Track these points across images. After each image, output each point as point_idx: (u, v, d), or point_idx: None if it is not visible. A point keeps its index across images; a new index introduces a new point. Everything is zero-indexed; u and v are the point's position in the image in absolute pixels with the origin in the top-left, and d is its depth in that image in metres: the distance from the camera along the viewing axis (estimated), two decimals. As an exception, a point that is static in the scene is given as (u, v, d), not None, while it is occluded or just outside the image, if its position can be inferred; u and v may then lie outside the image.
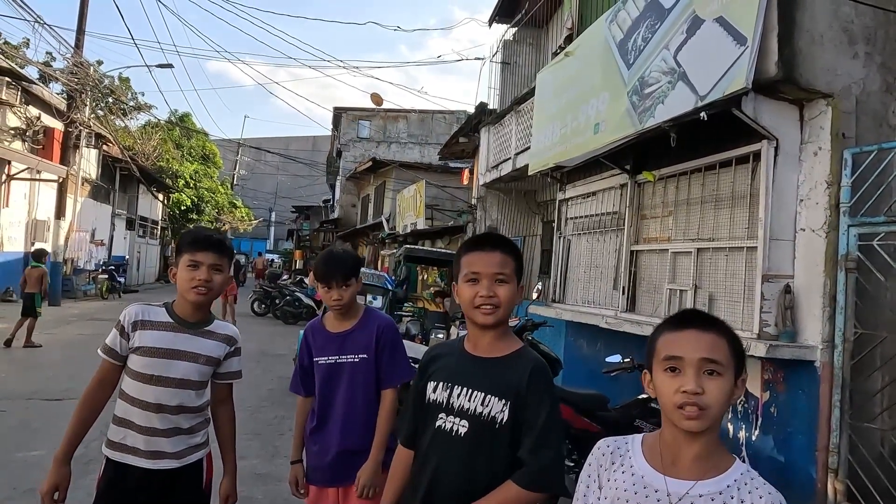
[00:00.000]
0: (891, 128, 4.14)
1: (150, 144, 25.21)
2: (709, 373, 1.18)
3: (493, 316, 1.58)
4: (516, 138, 9.06)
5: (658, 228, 5.54)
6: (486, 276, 1.58)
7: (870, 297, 3.86)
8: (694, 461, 1.20)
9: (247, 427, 5.57)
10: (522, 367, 1.58)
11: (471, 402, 1.58)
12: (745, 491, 1.17)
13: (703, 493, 1.17)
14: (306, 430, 2.36)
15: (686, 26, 4.50)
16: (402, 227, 16.94)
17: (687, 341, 1.20)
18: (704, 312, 1.33)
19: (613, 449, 1.30)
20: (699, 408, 1.15)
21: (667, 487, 1.19)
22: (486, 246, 1.63)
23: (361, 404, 2.24)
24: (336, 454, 2.25)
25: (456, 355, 1.68)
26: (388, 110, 27.67)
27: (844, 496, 3.77)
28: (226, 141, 36.67)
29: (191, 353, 1.99)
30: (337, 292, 2.25)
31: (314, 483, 2.33)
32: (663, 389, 1.20)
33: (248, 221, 38.75)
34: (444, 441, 1.60)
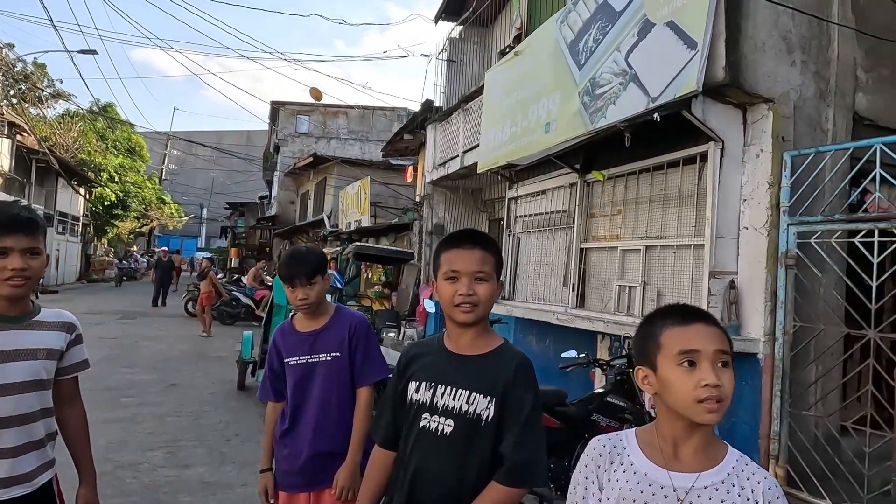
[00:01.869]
0: (824, 132, 4.41)
1: (69, 135, 23.59)
2: (722, 364, 1.19)
3: (472, 314, 1.57)
4: (464, 136, 9.07)
5: (607, 227, 5.68)
6: (466, 274, 1.56)
7: (807, 292, 4.10)
8: (695, 454, 1.22)
9: (190, 433, 5.31)
10: (506, 363, 1.57)
11: (456, 401, 1.56)
12: (744, 478, 1.20)
13: (707, 484, 1.19)
14: (276, 434, 2.24)
15: (637, 29, 4.62)
16: (345, 225, 16.65)
17: (700, 335, 1.20)
18: (692, 305, 1.34)
19: (610, 448, 1.28)
20: (718, 400, 1.16)
21: (672, 482, 1.20)
22: (467, 243, 1.61)
23: (335, 404, 2.16)
24: (308, 457, 2.15)
25: (436, 354, 1.65)
26: (328, 105, 27.10)
27: (784, 480, 3.99)
28: (154, 133, 34.88)
29: (26, 350, 1.70)
30: (302, 291, 2.16)
31: (284, 489, 2.22)
32: (679, 385, 1.19)
33: (177, 218, 37.06)
34: (429, 441, 1.58)
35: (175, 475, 4.28)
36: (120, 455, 4.58)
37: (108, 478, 4.08)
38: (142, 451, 4.73)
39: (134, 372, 7.82)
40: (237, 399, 6.80)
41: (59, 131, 23.27)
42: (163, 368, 8.21)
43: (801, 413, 4.05)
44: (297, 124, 28.56)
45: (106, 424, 5.29)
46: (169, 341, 10.85)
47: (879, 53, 4.60)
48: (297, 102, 28.43)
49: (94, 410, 5.73)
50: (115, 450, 4.69)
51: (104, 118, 28.11)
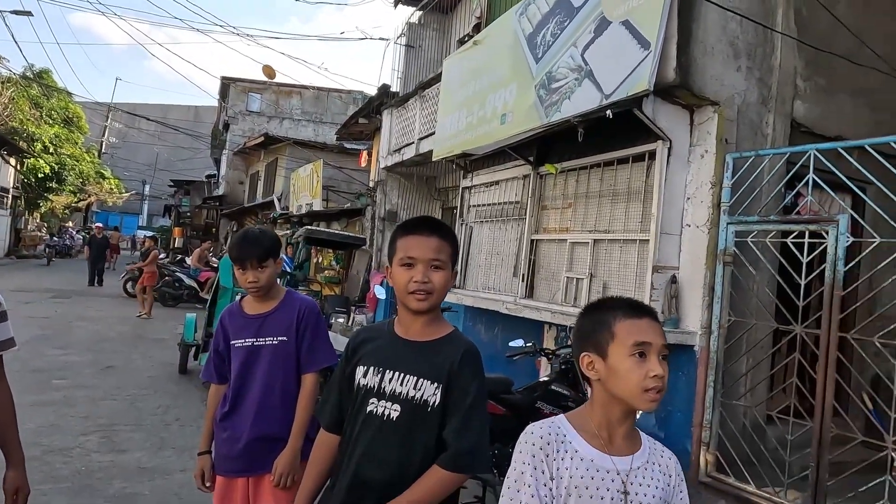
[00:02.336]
0: (764, 137, 4.61)
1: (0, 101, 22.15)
2: (664, 357, 1.28)
3: (426, 302, 1.58)
4: (420, 123, 9.03)
5: (558, 219, 5.79)
6: (422, 261, 1.57)
7: (742, 288, 4.31)
8: (625, 439, 1.31)
9: (127, 417, 5.13)
10: (454, 350, 1.59)
11: (403, 387, 1.57)
12: (658, 455, 1.33)
13: (638, 465, 1.29)
14: (216, 417, 2.19)
15: (594, 26, 4.70)
16: (296, 208, 16.34)
17: (651, 328, 1.28)
18: (639, 301, 1.39)
19: (553, 435, 1.30)
20: (659, 390, 1.25)
21: (615, 466, 1.27)
22: (424, 230, 1.61)
23: (279, 389, 2.13)
24: (248, 441, 2.11)
25: (386, 339, 1.66)
26: (282, 84, 26.42)
27: (714, 466, 4.20)
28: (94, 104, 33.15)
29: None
30: (252, 274, 2.12)
31: (222, 473, 2.17)
32: (631, 374, 1.24)
33: (118, 194, 35.45)
34: (375, 426, 1.58)
35: (110, 460, 4.13)
36: (50, 439, 4.39)
37: (36, 463, 3.91)
38: (74, 436, 4.54)
39: (67, 353, 7.48)
40: (178, 383, 6.60)
41: (-13, 96, 21.81)
42: (98, 350, 7.88)
43: (732, 403, 4.27)
44: (248, 102, 27.75)
45: (36, 408, 5.06)
46: (106, 322, 10.41)
47: (818, 64, 4.84)
48: (248, 79, 27.58)
49: (23, 393, 5.48)
50: (46, 434, 4.49)
51: (39, 85, 26.48)
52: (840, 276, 3.66)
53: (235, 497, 2.14)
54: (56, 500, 3.48)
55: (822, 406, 3.67)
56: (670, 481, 1.30)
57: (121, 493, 3.65)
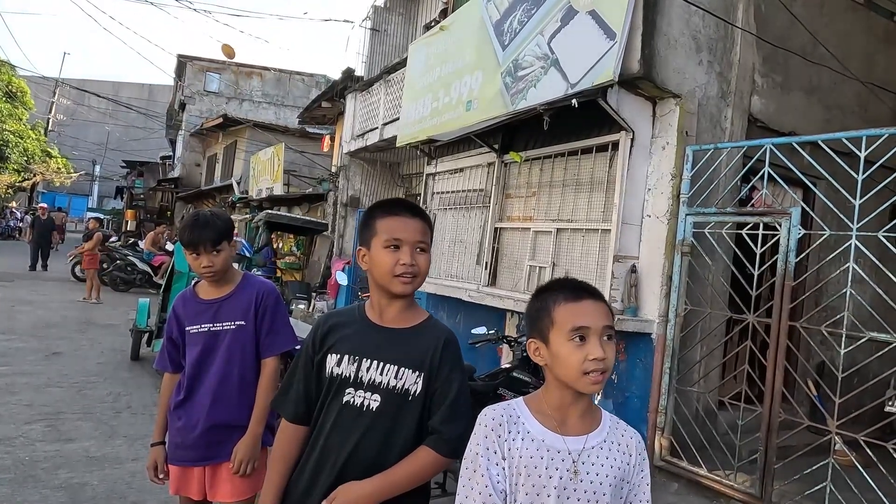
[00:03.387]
0: (723, 130, 4.72)
1: (-65, 72, 20.85)
2: (607, 338, 1.28)
3: (411, 285, 1.53)
4: (385, 108, 8.92)
5: (522, 208, 5.81)
6: (409, 243, 1.52)
7: (698, 278, 4.42)
8: (580, 419, 1.32)
9: (75, 405, 4.93)
10: (434, 337, 1.55)
11: (383, 376, 1.52)
12: (619, 434, 1.34)
13: (593, 444, 1.30)
14: (170, 406, 2.11)
15: (561, 15, 4.70)
16: (255, 192, 15.96)
17: (590, 311, 1.28)
18: (581, 281, 1.39)
19: (506, 416, 1.32)
20: (602, 372, 1.26)
21: (567, 446, 1.28)
22: (406, 212, 1.56)
23: (237, 375, 2.06)
24: (204, 429, 2.04)
25: (359, 326, 1.59)
26: (242, 65, 25.69)
27: (668, 451, 4.32)
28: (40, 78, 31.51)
29: None
30: (207, 258, 2.04)
31: (177, 462, 2.09)
32: (570, 359, 1.26)
33: (65, 174, 33.90)
34: (353, 416, 1.52)
35: (55, 450, 3.96)
36: (-9, 429, 4.18)
37: (-25, 453, 3.72)
38: (17, 425, 4.33)
39: (9, 339, 7.13)
40: (130, 370, 6.38)
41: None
42: (44, 336, 7.54)
43: (686, 389, 4.39)
44: (206, 82, 26.84)
45: (-26, 395, 4.80)
46: (52, 307, 9.97)
47: (774, 61, 4.97)
48: (207, 58, 26.68)
49: (-40, 380, 5.21)
50: (-15, 423, 4.27)
51: (-22, 57, 25.02)
52: (791, 267, 3.79)
53: (191, 487, 2.07)
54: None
55: (772, 392, 3.80)
56: (630, 460, 1.31)
57: (68, 483, 3.50)
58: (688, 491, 4.12)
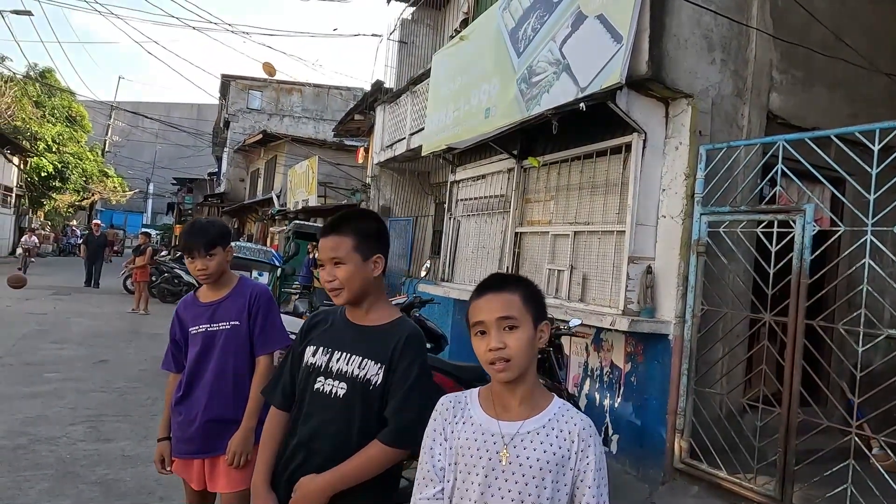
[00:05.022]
0: (739, 128, 4.66)
1: (2, 101, 22.33)
2: (508, 328, 1.34)
3: (340, 297, 1.70)
4: (411, 118, 9.10)
5: (541, 212, 5.85)
6: (326, 260, 1.70)
7: (715, 278, 4.36)
8: (520, 405, 1.38)
9: (115, 408, 5.23)
10: (398, 333, 1.69)
11: (349, 366, 1.67)
12: (563, 421, 1.38)
13: (529, 430, 1.36)
14: (172, 403, 2.28)
15: (571, 20, 4.75)
16: (293, 204, 16.43)
17: (486, 305, 1.37)
18: (502, 274, 1.51)
19: (455, 403, 1.43)
20: (505, 360, 1.32)
21: (500, 430, 1.36)
22: (325, 231, 1.75)
23: (232, 372, 2.21)
24: (202, 423, 2.19)
25: (337, 323, 1.76)
26: (282, 82, 26.54)
27: (688, 453, 4.26)
28: (97, 103, 33.32)
29: None
30: (201, 262, 2.21)
31: (178, 455, 2.26)
32: (477, 351, 1.37)
33: (121, 192, 35.63)
34: (322, 402, 1.67)
35: (95, 449, 4.23)
36: (37, 429, 4.48)
37: (22, 451, 4.01)
38: (62, 426, 4.64)
39: (62, 348, 7.59)
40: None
41: (-10, 96, 21.99)
42: (93, 345, 7.99)
43: (706, 390, 4.32)
44: (248, 100, 27.87)
45: (25, 399, 5.16)
46: (103, 318, 10.54)
47: (793, 56, 4.87)
48: (249, 77, 27.70)
49: (15, 385, 5.59)
50: (33, 424, 4.58)
51: (41, 84, 26.65)
52: (807, 264, 3.71)
53: (191, 478, 2.22)
54: (39, 485, 3.57)
55: (790, 392, 3.72)
56: (572, 447, 1.35)
57: (103, 479, 3.74)
58: (707, 494, 4.05)
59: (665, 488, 4.28)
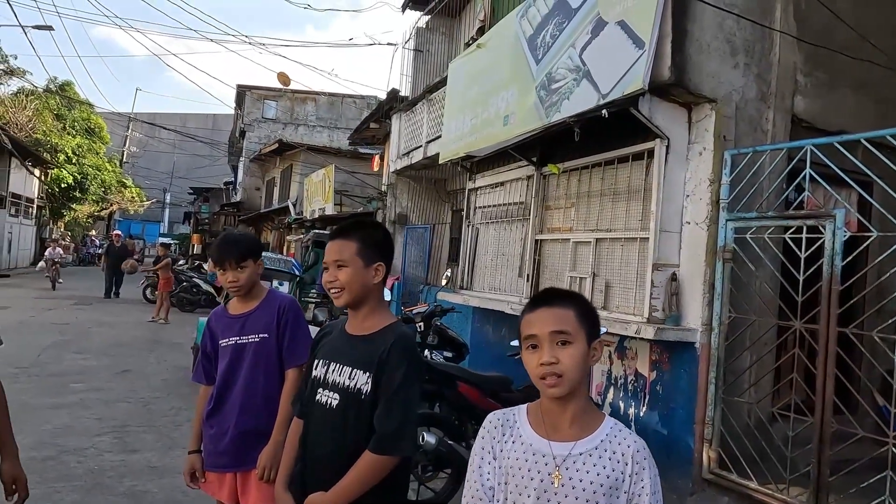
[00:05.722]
0: (764, 133, 4.60)
1: (24, 114, 22.77)
2: (560, 343, 1.31)
3: (341, 298, 1.73)
4: (428, 126, 9.11)
5: (561, 219, 5.81)
6: (329, 263, 1.75)
7: (742, 285, 4.30)
8: (571, 425, 1.35)
9: (140, 419, 5.27)
10: (386, 340, 1.70)
11: (341, 377, 1.72)
12: (616, 443, 1.34)
13: (581, 451, 1.33)
14: (203, 416, 2.28)
15: (591, 27, 4.73)
16: (309, 212, 16.53)
17: (540, 319, 1.34)
18: (556, 289, 1.48)
19: (503, 421, 1.41)
20: (557, 375, 1.29)
21: (552, 451, 1.33)
22: (332, 235, 1.81)
23: (262, 384, 2.21)
24: (234, 436, 2.19)
25: (337, 334, 1.82)
26: (296, 91, 26.76)
27: (717, 463, 4.19)
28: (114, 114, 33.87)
29: None
30: (232, 274, 2.22)
31: (212, 469, 2.25)
32: (528, 365, 1.34)
33: (139, 202, 36.12)
34: (321, 413, 1.73)
35: (121, 460, 4.26)
36: (65, 440, 4.53)
37: (52, 462, 4.05)
38: (89, 437, 4.68)
39: (85, 358, 7.68)
40: (190, 385, 6.73)
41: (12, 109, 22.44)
42: (115, 354, 8.08)
43: (734, 399, 4.25)
44: (263, 109, 28.12)
45: (52, 410, 5.22)
46: (124, 327, 10.65)
47: (818, 59, 4.80)
48: (264, 87, 27.97)
49: (42, 396, 5.66)
50: (61, 435, 4.63)
51: (61, 97, 27.14)
52: (838, 270, 3.64)
53: (224, 492, 2.22)
54: (69, 497, 3.60)
55: (823, 401, 3.65)
56: (626, 469, 1.31)
57: (131, 490, 3.76)
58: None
59: (694, 499, 4.21)
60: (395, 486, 1.72)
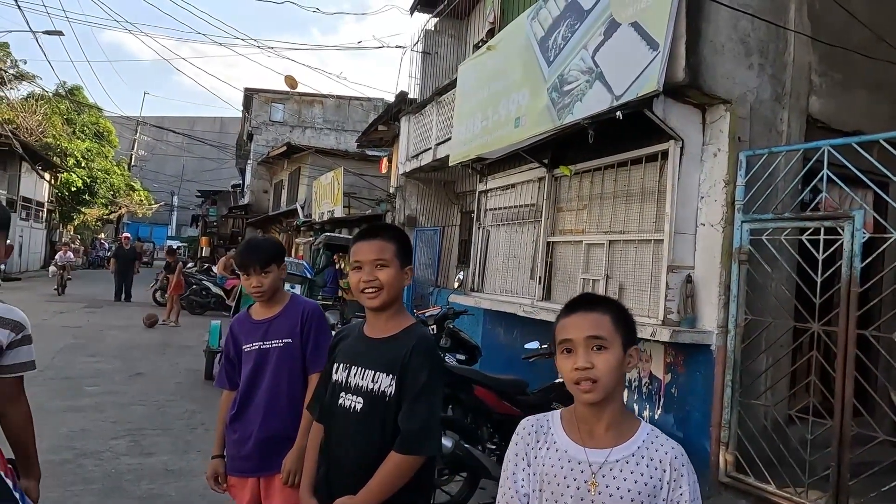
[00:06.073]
0: (779, 133, 4.57)
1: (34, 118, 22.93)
2: (596, 348, 1.30)
3: (377, 299, 1.72)
4: (437, 129, 9.12)
5: (573, 221, 5.80)
6: (367, 262, 1.71)
7: (758, 287, 4.27)
8: (607, 431, 1.33)
9: (154, 422, 5.29)
10: (408, 342, 1.71)
11: (364, 380, 1.72)
12: (653, 449, 1.32)
13: (618, 458, 1.31)
14: (226, 420, 2.28)
15: (604, 28, 4.72)
16: (318, 215, 16.57)
17: (576, 323, 1.33)
18: (593, 294, 1.48)
19: (537, 427, 1.39)
20: (592, 381, 1.28)
21: (587, 458, 1.32)
22: (368, 235, 1.78)
23: (286, 389, 2.21)
24: (257, 441, 2.20)
25: (355, 337, 1.82)
26: (304, 94, 26.85)
27: (734, 466, 4.16)
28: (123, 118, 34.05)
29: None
30: (256, 279, 2.22)
31: (234, 473, 2.26)
32: (562, 370, 1.33)
33: (147, 205, 36.33)
34: (344, 417, 1.73)
35: (138, 463, 4.28)
36: (82, 443, 4.55)
37: (70, 465, 4.07)
38: (105, 440, 4.70)
39: (98, 361, 7.72)
40: (203, 388, 6.77)
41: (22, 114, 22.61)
42: (128, 357, 8.12)
43: (751, 402, 4.22)
44: (271, 112, 28.24)
45: (68, 413, 5.25)
46: (135, 330, 10.71)
47: (832, 58, 4.77)
48: (271, 90, 28.08)
49: (56, 399, 5.69)
50: (78, 438, 4.66)
51: (71, 101, 27.34)
52: (857, 272, 3.61)
53: (246, 496, 2.22)
54: (87, 500, 3.62)
55: (842, 404, 3.62)
56: (664, 476, 1.29)
57: (148, 493, 3.78)
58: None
59: (710, 503, 4.18)
60: (421, 487, 1.73)
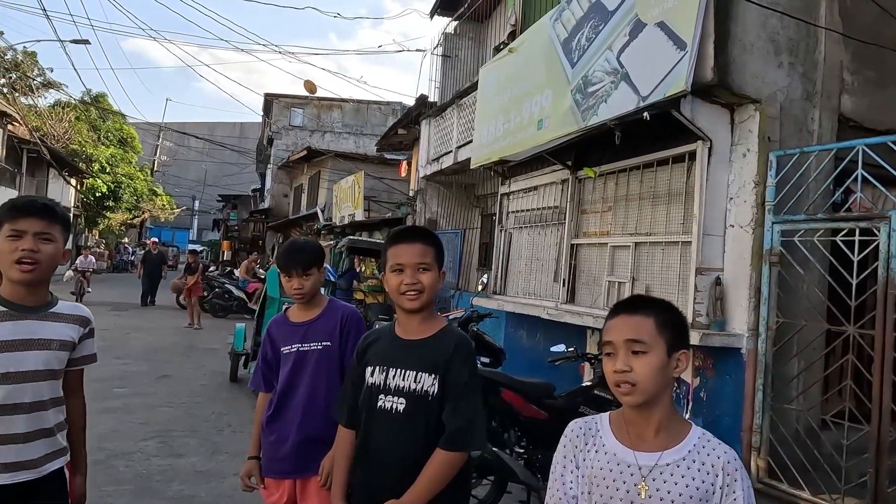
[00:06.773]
0: (810, 133, 4.49)
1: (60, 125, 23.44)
2: (635, 352, 1.29)
3: (417, 301, 1.74)
4: (458, 132, 9.12)
5: (598, 223, 5.76)
6: (410, 265, 1.73)
7: (790, 289, 4.20)
8: (656, 434, 1.31)
9: (182, 424, 5.35)
10: (448, 342, 1.74)
11: (405, 381, 1.74)
12: (705, 453, 1.30)
13: (668, 461, 1.29)
14: (263, 422, 2.29)
15: (629, 29, 4.68)
16: (338, 219, 16.67)
17: (617, 326, 1.33)
18: (641, 296, 1.47)
19: (585, 430, 1.39)
20: (630, 384, 1.27)
21: (637, 461, 1.30)
22: (408, 238, 1.79)
23: (324, 391, 2.22)
24: (295, 442, 2.20)
25: (388, 340, 1.83)
26: (323, 99, 27.04)
27: (766, 472, 4.09)
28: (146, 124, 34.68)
29: (41, 339, 1.74)
30: (297, 281, 2.24)
31: (269, 475, 2.26)
32: (605, 371, 1.33)
33: (169, 210, 36.88)
34: (385, 419, 1.74)
35: (168, 464, 4.33)
36: (113, 444, 4.62)
37: (101, 466, 4.13)
38: (135, 441, 4.77)
39: (126, 363, 7.84)
40: (229, 391, 6.84)
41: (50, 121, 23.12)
42: (154, 360, 8.23)
43: (783, 406, 4.15)
44: (290, 117, 28.49)
45: (99, 414, 5.32)
46: (160, 333, 10.86)
47: (865, 56, 4.68)
48: (291, 95, 28.35)
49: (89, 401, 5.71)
50: (109, 439, 4.73)
51: (96, 108, 27.89)
52: (894, 273, 3.53)
53: (281, 498, 2.23)
54: (120, 500, 3.67)
55: (880, 409, 3.54)
56: (716, 481, 1.26)
57: (178, 494, 3.82)
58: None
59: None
60: (462, 485, 1.76)
